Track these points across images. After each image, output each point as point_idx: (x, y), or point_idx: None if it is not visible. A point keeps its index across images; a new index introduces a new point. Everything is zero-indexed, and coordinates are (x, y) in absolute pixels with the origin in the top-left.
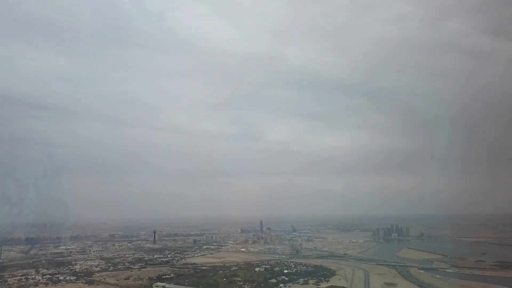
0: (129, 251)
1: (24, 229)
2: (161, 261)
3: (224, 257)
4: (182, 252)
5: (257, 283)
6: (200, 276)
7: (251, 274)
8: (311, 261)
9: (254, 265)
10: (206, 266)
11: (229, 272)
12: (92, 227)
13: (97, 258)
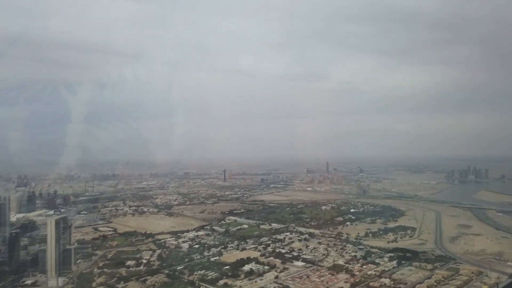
0: (202, 188)
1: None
2: (231, 197)
3: (290, 196)
4: (251, 190)
5: (324, 221)
6: (268, 212)
7: (318, 211)
8: (378, 202)
9: (320, 204)
10: (274, 203)
11: (296, 209)
12: (168, 166)
13: (174, 193)
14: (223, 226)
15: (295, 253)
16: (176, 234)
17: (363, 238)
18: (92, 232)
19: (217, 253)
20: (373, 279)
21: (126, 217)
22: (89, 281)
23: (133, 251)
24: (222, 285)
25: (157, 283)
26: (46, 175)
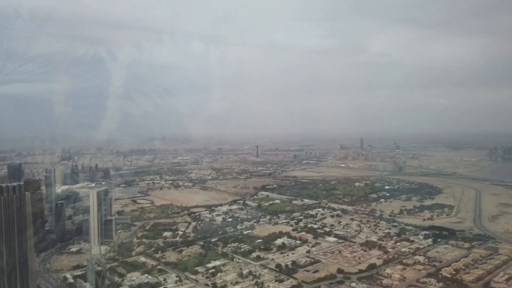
0: (235, 163)
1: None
2: (264, 173)
3: (323, 172)
4: (283, 165)
5: (357, 197)
6: (300, 188)
7: (351, 188)
8: (414, 179)
9: (354, 180)
10: (306, 179)
11: (328, 185)
12: (202, 141)
13: (208, 168)
14: (256, 201)
15: (327, 228)
16: (210, 208)
17: (397, 216)
18: (131, 204)
19: (250, 227)
20: (406, 256)
21: (162, 191)
22: (129, 250)
23: (170, 223)
24: (254, 258)
25: (193, 254)
26: (87, 149)
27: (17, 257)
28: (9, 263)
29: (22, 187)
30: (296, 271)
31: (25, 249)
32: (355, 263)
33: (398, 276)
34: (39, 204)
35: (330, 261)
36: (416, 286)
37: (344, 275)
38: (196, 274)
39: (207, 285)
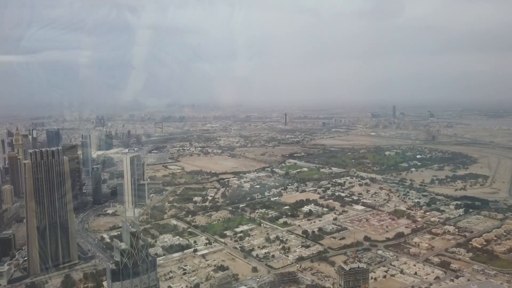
0: (263, 131)
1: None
2: (292, 141)
3: (352, 140)
4: (311, 133)
5: (387, 166)
6: (329, 156)
7: (381, 157)
8: (448, 148)
9: (384, 149)
10: (335, 148)
11: (357, 154)
12: (230, 109)
13: (236, 136)
14: (283, 168)
15: (355, 197)
16: (238, 174)
17: (428, 185)
18: (162, 170)
19: (277, 194)
20: (436, 226)
21: (192, 157)
22: (161, 213)
23: (199, 188)
24: (281, 224)
25: (221, 218)
26: (119, 116)
27: (58, 217)
28: (51, 223)
29: (60, 152)
30: (322, 238)
31: (65, 210)
32: (382, 232)
33: (426, 245)
34: (76, 168)
35: (357, 229)
36: (445, 255)
37: (371, 243)
38: (224, 238)
39: (236, 248)
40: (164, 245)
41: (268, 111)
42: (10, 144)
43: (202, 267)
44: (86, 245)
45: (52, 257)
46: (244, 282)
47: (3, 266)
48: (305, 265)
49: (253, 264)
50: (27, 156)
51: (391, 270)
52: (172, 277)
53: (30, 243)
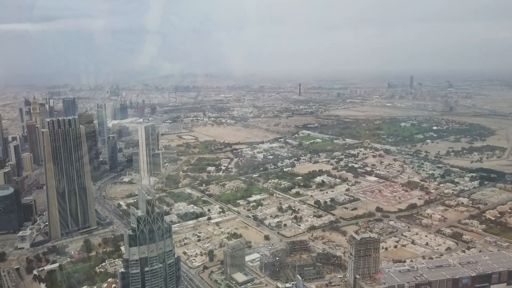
0: (277, 101)
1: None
2: (306, 111)
3: (367, 111)
4: (326, 104)
5: (402, 137)
6: (343, 127)
7: (396, 128)
8: (466, 119)
9: (400, 120)
10: (349, 119)
11: (372, 125)
12: (244, 79)
13: (250, 106)
14: (297, 139)
15: (368, 168)
16: (251, 145)
17: (443, 157)
18: (177, 140)
19: (290, 164)
20: (449, 198)
21: (206, 127)
22: (176, 182)
23: (213, 158)
24: (294, 194)
25: (235, 188)
26: (134, 85)
27: (76, 184)
28: (70, 190)
29: (77, 120)
30: (334, 208)
31: (83, 178)
32: (395, 203)
33: (439, 216)
34: (93, 137)
35: (369, 200)
36: (457, 227)
37: (383, 214)
38: (238, 207)
39: (248, 217)
40: (179, 213)
41: (282, 81)
42: (28, 112)
43: (215, 234)
44: (104, 212)
45: (71, 222)
46: (257, 249)
47: (26, 230)
48: (316, 234)
49: (265, 233)
50: (44, 125)
51: (402, 241)
52: (187, 243)
53: (51, 209)
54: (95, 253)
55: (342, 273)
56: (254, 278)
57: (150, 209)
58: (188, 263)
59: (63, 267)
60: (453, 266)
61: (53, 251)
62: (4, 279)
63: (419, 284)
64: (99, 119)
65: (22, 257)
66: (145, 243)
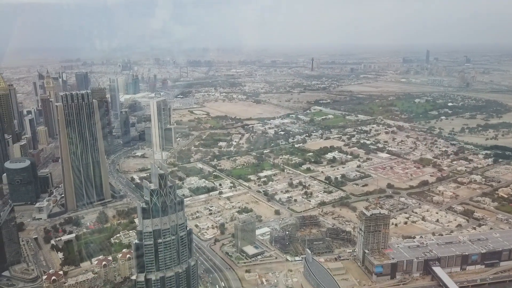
0: (289, 77)
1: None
2: (318, 87)
3: (381, 87)
4: (339, 79)
5: (415, 114)
6: (355, 103)
7: (410, 104)
8: (482, 95)
9: (414, 96)
10: (362, 94)
11: (385, 101)
12: (255, 54)
13: (261, 81)
14: (308, 115)
15: (380, 144)
16: (262, 121)
17: (457, 134)
18: (188, 115)
19: (301, 140)
20: (462, 175)
21: (217, 102)
22: (188, 156)
23: (224, 133)
24: (304, 169)
25: (246, 163)
26: (145, 60)
27: (90, 158)
28: (84, 163)
29: (90, 95)
30: (345, 184)
31: (96, 151)
32: (407, 179)
33: (451, 193)
34: (105, 111)
35: (381, 176)
36: (469, 204)
37: (394, 190)
38: (248, 182)
39: (259, 192)
40: (191, 187)
41: (294, 56)
42: (42, 86)
43: (227, 208)
44: (118, 185)
45: (86, 194)
46: (267, 223)
47: (43, 202)
48: (326, 210)
49: (275, 207)
50: (58, 99)
51: (412, 217)
52: (198, 217)
53: (66, 181)
54: (110, 225)
55: (351, 248)
56: (264, 251)
57: (162, 183)
58: (200, 235)
59: (79, 237)
60: (463, 242)
61: (70, 222)
62: (24, 248)
63: (428, 259)
64: (111, 93)
65: (40, 228)
66: (158, 216)
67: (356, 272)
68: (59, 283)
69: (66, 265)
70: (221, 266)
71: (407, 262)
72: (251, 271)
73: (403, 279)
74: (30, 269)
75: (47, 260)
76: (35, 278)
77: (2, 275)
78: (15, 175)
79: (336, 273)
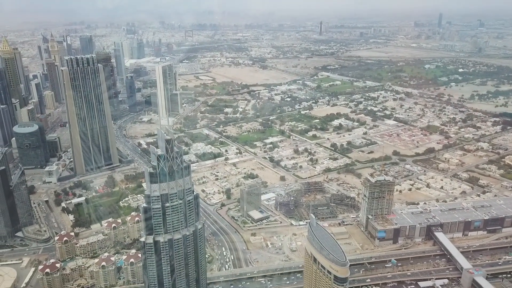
0: (297, 41)
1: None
2: (326, 52)
3: (391, 52)
4: (347, 44)
5: (425, 80)
6: (364, 69)
7: (419, 70)
8: (495, 61)
9: (424, 62)
10: (371, 60)
11: (395, 67)
12: (262, 17)
13: (268, 46)
14: (315, 81)
15: (387, 111)
16: (269, 87)
17: (466, 101)
18: (194, 80)
19: (308, 107)
20: (469, 142)
21: (223, 68)
22: (194, 122)
23: (230, 99)
24: (310, 136)
25: (251, 130)
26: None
27: (97, 122)
28: (92, 128)
29: (95, 59)
30: (350, 151)
31: (103, 117)
32: (413, 147)
33: (456, 161)
34: (111, 76)
35: (387, 144)
36: (474, 171)
37: (399, 157)
38: (254, 148)
39: (265, 158)
40: (197, 153)
41: (302, 20)
42: (47, 50)
43: (232, 174)
44: (125, 150)
45: (94, 159)
46: (272, 189)
47: (52, 166)
48: (331, 176)
49: (281, 174)
50: (63, 63)
51: (417, 184)
52: (205, 182)
53: (74, 146)
54: (118, 189)
55: (355, 214)
56: (269, 215)
57: (169, 149)
58: (207, 200)
59: (89, 200)
60: (466, 209)
61: (79, 185)
62: (35, 210)
63: (431, 225)
64: (116, 57)
65: (50, 191)
66: (165, 181)
67: (359, 236)
68: (70, 244)
69: (77, 227)
70: (227, 229)
71: (409, 227)
72: (256, 235)
73: (405, 244)
74: (42, 230)
75: (58, 222)
76: (48, 239)
77: (16, 235)
78: (24, 139)
79: (340, 237)
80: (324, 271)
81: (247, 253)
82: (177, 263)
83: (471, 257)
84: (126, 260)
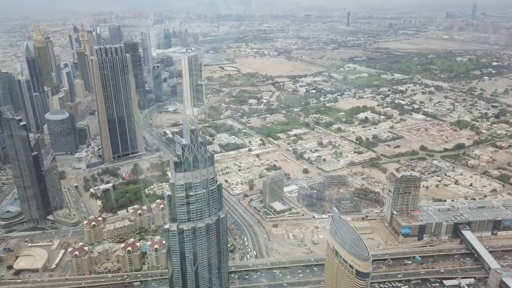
0: (323, 32)
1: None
2: (353, 43)
3: (421, 44)
4: (376, 35)
5: (456, 73)
6: (392, 61)
7: (451, 63)
8: None
9: (456, 54)
10: (400, 52)
11: (424, 59)
12: (289, 7)
13: (294, 37)
14: (342, 73)
15: (415, 105)
16: (294, 78)
17: (500, 95)
18: (219, 71)
19: (333, 99)
20: (501, 139)
21: (248, 59)
22: (218, 113)
23: (255, 91)
24: (335, 129)
25: (275, 121)
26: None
27: (125, 111)
28: (119, 117)
29: (123, 49)
30: (376, 145)
31: (130, 105)
32: (441, 142)
33: (487, 158)
34: (138, 66)
35: (414, 138)
36: (506, 169)
37: (427, 153)
38: (278, 140)
39: (288, 150)
40: (221, 143)
41: (329, 10)
42: (77, 40)
43: (256, 165)
44: (151, 139)
45: (122, 147)
46: (295, 181)
47: (81, 152)
48: (356, 170)
49: (304, 166)
50: (93, 52)
51: (445, 180)
52: (228, 172)
53: (103, 134)
54: (144, 176)
55: (379, 209)
56: (292, 207)
57: (194, 138)
58: (230, 190)
59: (116, 187)
60: (496, 207)
61: (107, 172)
62: (65, 195)
63: (458, 223)
64: (143, 47)
65: (80, 176)
66: (189, 170)
67: (383, 232)
68: (98, 228)
69: (104, 212)
70: (250, 220)
71: (435, 224)
72: (278, 226)
73: (431, 241)
74: (72, 214)
75: (87, 206)
76: (77, 223)
77: (47, 218)
78: (55, 126)
79: (363, 232)
80: (346, 265)
81: (269, 244)
82: (199, 251)
83: (499, 257)
84: (151, 246)
